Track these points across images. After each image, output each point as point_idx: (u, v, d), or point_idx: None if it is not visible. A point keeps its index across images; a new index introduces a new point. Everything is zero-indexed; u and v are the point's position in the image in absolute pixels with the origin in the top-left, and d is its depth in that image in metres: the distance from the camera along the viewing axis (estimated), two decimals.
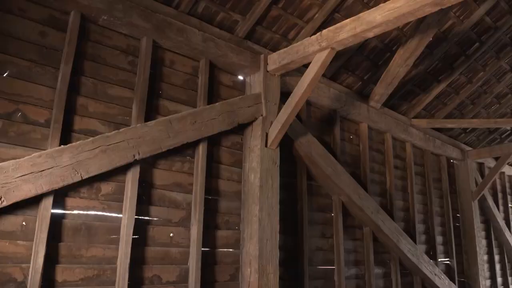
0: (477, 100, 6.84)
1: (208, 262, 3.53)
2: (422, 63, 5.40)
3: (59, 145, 2.78)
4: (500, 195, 8.34)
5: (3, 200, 2.46)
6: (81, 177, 2.78)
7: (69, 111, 2.94)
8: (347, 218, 4.97)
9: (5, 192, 2.46)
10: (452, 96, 6.40)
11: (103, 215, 3.01)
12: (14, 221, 2.59)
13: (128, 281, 2.94)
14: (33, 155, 2.62)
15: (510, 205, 8.53)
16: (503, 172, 8.57)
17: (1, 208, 2.49)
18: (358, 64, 5.05)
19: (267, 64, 4.04)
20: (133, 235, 3.04)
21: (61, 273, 2.75)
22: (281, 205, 3.99)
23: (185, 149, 3.52)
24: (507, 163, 8.22)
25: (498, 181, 8.39)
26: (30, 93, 2.78)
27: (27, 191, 2.54)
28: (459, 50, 5.58)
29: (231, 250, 3.73)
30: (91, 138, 2.89)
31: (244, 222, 3.79)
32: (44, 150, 2.73)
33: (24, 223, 2.63)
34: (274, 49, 4.23)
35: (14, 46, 2.76)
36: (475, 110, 6.99)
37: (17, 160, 2.55)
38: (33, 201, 2.64)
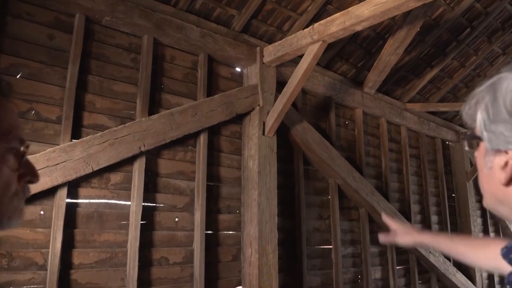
0: (470, 84, 6.98)
1: (212, 244, 3.78)
2: (414, 50, 5.55)
3: (71, 140, 3.00)
4: None
5: None
6: (92, 169, 3.01)
7: (78, 108, 3.15)
8: (343, 200, 5.19)
9: None
10: (446, 80, 6.55)
11: (113, 203, 3.24)
12: (33, 211, 2.84)
13: (138, 262, 3.19)
14: (48, 150, 2.84)
15: None
16: None
17: None
18: (351, 53, 5.21)
19: (263, 56, 4.22)
20: (141, 220, 3.27)
21: (77, 257, 3.00)
22: (279, 189, 4.22)
23: (187, 140, 3.74)
24: None
25: None
26: (42, 93, 2.99)
27: (43, 183, 2.77)
28: (450, 36, 5.71)
29: (232, 232, 3.98)
30: (99, 133, 3.11)
31: (244, 206, 4.03)
32: (57, 145, 2.95)
33: (42, 212, 2.87)
34: (270, 41, 4.40)
35: (25, 49, 2.95)
36: (469, 93, 7.10)
37: (34, 155, 2.76)
38: (50, 192, 2.87)
